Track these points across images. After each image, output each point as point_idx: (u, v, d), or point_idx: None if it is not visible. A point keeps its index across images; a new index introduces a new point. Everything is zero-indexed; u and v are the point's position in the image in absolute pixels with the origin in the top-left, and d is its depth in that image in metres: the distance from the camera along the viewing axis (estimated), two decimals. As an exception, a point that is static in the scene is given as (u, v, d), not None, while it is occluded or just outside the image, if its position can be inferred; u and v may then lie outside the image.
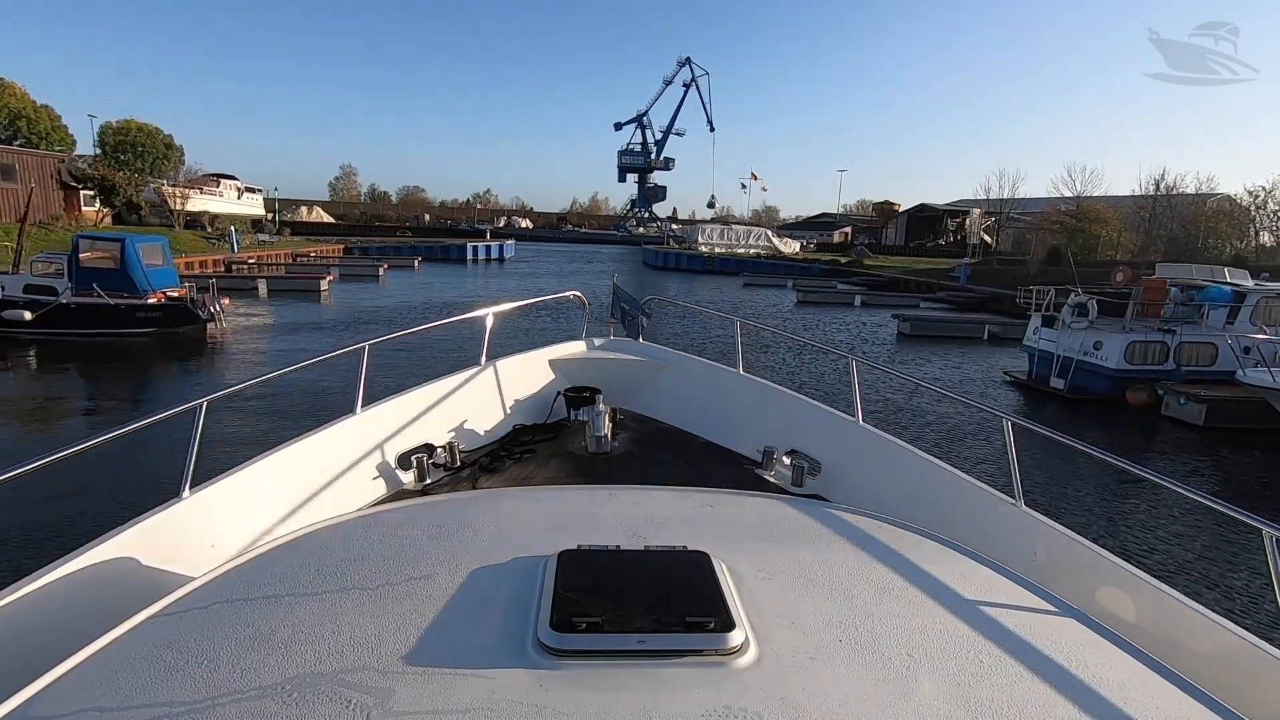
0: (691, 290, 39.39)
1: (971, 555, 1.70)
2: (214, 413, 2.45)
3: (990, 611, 1.41)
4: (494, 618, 1.26)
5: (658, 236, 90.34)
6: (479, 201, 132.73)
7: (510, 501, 2.04)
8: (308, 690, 1.06)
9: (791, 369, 16.80)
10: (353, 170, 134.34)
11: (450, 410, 3.93)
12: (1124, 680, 1.22)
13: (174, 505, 2.34)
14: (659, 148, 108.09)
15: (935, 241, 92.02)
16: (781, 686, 1.10)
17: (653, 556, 1.49)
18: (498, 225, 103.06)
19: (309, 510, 2.86)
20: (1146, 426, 13.89)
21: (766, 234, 61.00)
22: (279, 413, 11.09)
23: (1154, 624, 2.10)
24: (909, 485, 3.15)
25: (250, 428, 10.34)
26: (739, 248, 56.20)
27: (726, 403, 4.45)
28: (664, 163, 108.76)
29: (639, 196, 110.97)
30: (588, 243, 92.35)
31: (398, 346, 13.97)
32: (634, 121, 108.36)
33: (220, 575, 1.47)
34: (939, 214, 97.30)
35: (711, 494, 2.06)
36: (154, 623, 1.29)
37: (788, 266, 48.53)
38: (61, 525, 6.80)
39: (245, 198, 58.33)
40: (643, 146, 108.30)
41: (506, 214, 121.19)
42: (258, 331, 20.26)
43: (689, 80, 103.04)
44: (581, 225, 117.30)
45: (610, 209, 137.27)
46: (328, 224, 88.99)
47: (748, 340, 5.01)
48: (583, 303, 5.50)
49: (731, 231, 60.51)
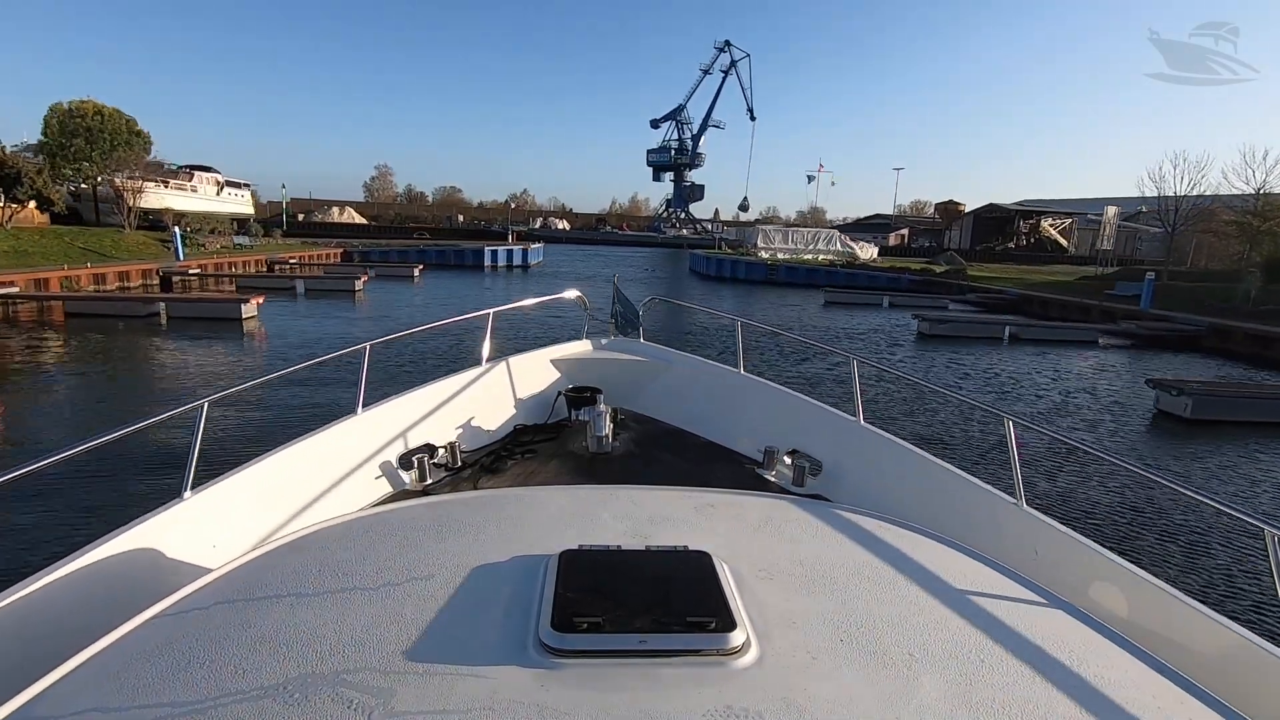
0: (757, 308, 29.50)
1: (973, 555, 1.64)
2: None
3: (992, 611, 1.36)
4: (495, 617, 1.22)
5: (701, 239, 79.87)
6: (515, 202, 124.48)
7: (511, 501, 1.92)
8: (309, 690, 1.02)
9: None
10: (388, 170, 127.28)
11: (451, 410, 3.85)
12: (1125, 679, 1.18)
13: (175, 505, 2.30)
14: (694, 142, 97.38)
15: (1005, 245, 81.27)
16: (783, 686, 1.06)
17: (654, 556, 1.44)
18: (533, 226, 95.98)
19: (310, 510, 2.82)
20: None
21: (839, 237, 49.04)
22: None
23: (1156, 623, 2.05)
24: (910, 485, 3.07)
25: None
26: (805, 253, 45.60)
27: (727, 403, 4.35)
28: (693, 159, 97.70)
29: (674, 196, 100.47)
30: (625, 245, 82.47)
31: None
32: (670, 117, 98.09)
33: (222, 575, 1.42)
34: (1009, 215, 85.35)
35: (713, 494, 1.96)
36: (155, 623, 1.26)
37: (869, 277, 37.67)
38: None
39: (227, 194, 49.17)
40: (679, 143, 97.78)
41: (543, 215, 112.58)
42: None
43: (728, 66, 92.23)
44: (622, 226, 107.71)
45: (650, 209, 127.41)
46: (358, 225, 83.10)
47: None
48: (583, 303, 5.24)
49: (797, 234, 49.00)
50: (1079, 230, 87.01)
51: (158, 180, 38.78)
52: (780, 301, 31.77)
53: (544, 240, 69.70)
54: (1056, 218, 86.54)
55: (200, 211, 40.70)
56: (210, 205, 44.51)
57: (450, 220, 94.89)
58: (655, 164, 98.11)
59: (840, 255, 44.75)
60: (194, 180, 44.36)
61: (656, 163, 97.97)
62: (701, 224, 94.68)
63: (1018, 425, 2.69)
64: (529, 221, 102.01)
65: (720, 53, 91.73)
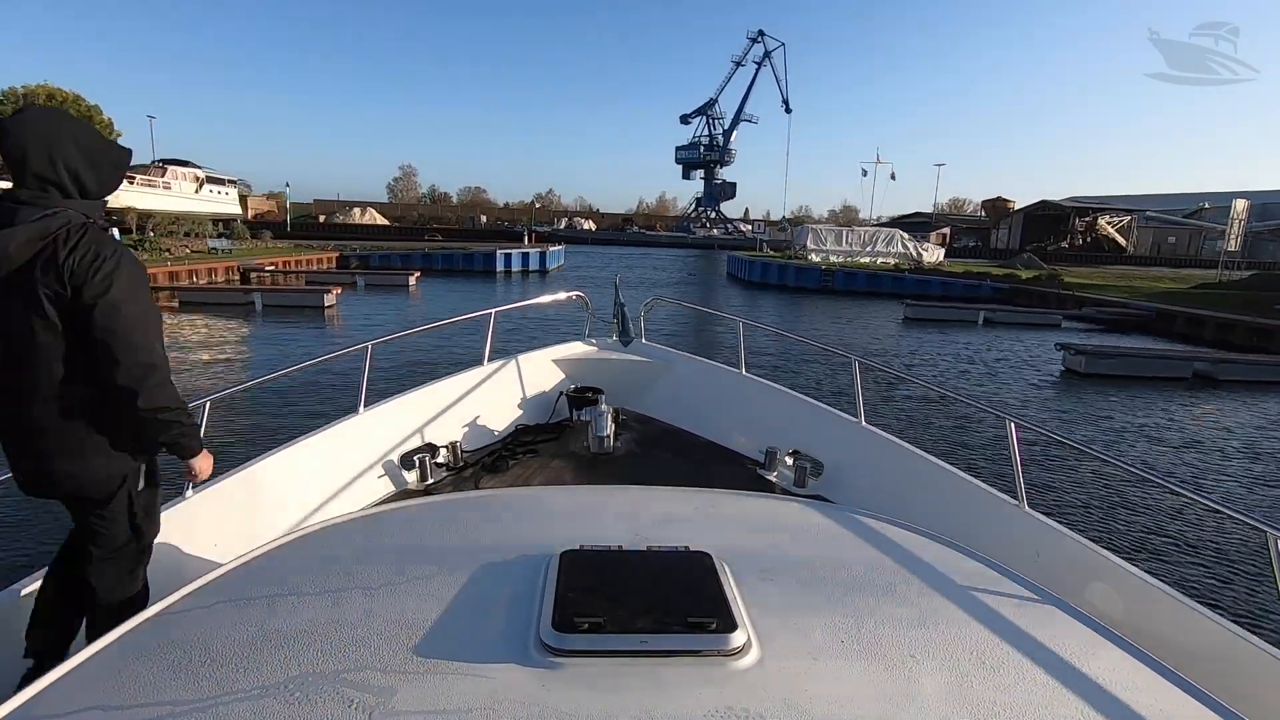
0: (816, 324, 23.52)
1: (974, 556, 1.61)
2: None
3: (993, 613, 1.34)
4: (496, 617, 1.21)
5: (734, 239, 73.04)
6: (540, 202, 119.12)
7: (512, 501, 1.92)
8: (310, 689, 1.01)
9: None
10: (412, 170, 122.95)
11: (453, 410, 3.81)
12: (1126, 680, 1.16)
13: (177, 504, 2.31)
14: (726, 138, 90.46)
15: (1058, 244, 73.81)
16: (783, 687, 1.05)
17: (655, 557, 1.41)
18: (557, 227, 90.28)
19: (312, 510, 2.80)
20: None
21: (900, 236, 38.97)
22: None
23: (1156, 625, 2.05)
24: (912, 486, 3.06)
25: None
26: (862, 255, 38.26)
27: (729, 403, 4.26)
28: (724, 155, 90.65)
29: (704, 194, 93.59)
30: (654, 246, 76.11)
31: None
32: (700, 112, 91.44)
33: (223, 574, 1.40)
34: (1064, 212, 77.38)
35: (714, 494, 1.94)
36: (156, 621, 1.24)
37: (942, 285, 31.07)
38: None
39: (209, 191, 43.26)
40: (710, 138, 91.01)
41: (568, 215, 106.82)
42: None
43: (761, 57, 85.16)
44: (653, 226, 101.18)
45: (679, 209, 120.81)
46: (379, 226, 78.70)
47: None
48: (585, 303, 5.10)
49: (853, 234, 39.45)
50: (1138, 229, 79.05)
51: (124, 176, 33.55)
52: (841, 314, 25.52)
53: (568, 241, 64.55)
54: (1114, 215, 78.35)
55: (174, 211, 35.49)
56: (187, 204, 39.03)
57: (473, 221, 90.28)
58: (685, 161, 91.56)
59: (901, 258, 37.87)
60: (167, 176, 38.75)
61: (686, 159, 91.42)
62: (733, 223, 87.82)
63: (1019, 427, 2.65)
64: (554, 222, 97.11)
65: (753, 43, 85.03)
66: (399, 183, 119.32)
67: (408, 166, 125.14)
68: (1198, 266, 46.39)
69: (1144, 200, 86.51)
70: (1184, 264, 57.69)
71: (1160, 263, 60.85)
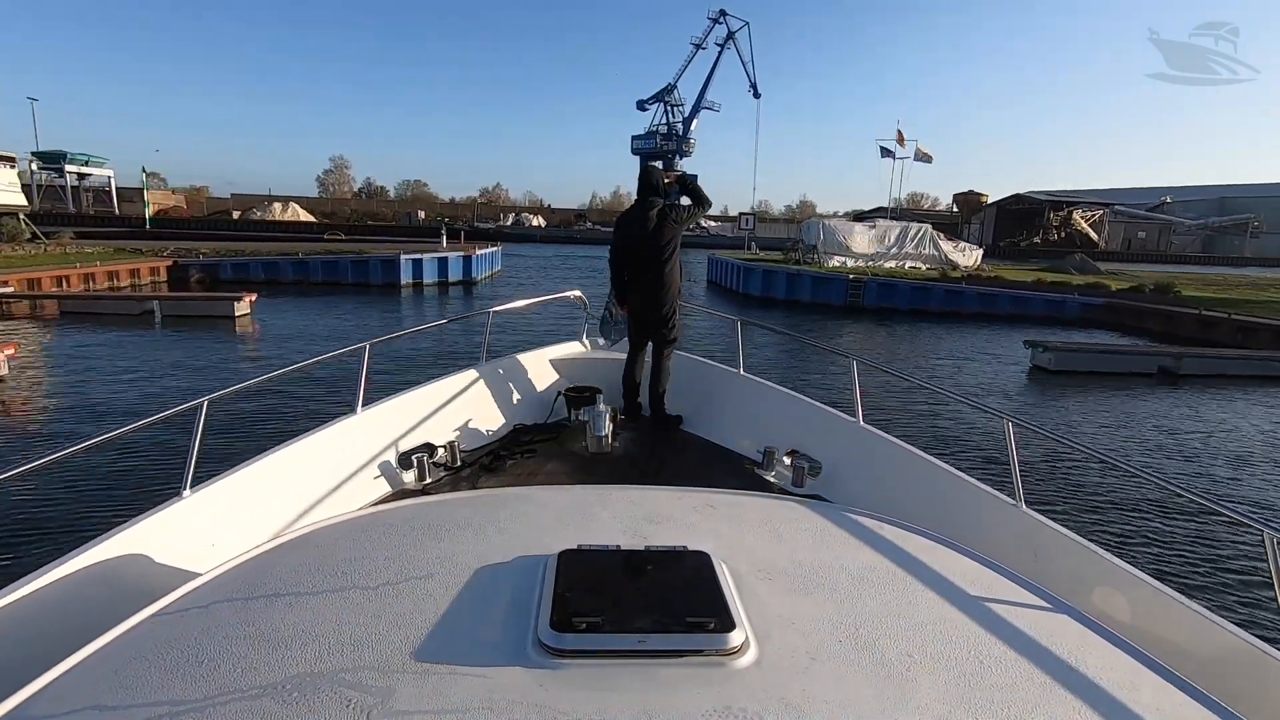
0: (902, 377, 13.94)
1: (972, 556, 1.56)
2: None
3: (991, 612, 1.31)
4: (494, 617, 1.18)
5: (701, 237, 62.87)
6: (485, 196, 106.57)
7: (510, 501, 1.83)
8: (308, 689, 0.98)
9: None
10: (345, 163, 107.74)
11: (451, 410, 3.70)
12: (1125, 681, 1.13)
13: (174, 504, 2.21)
14: (685, 126, 79.94)
15: (1031, 240, 66.84)
16: (782, 687, 1.02)
17: (653, 556, 1.37)
18: (504, 224, 78.21)
19: (310, 509, 2.70)
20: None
21: (931, 234, 28.91)
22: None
23: (1155, 625, 1.98)
24: (910, 486, 2.93)
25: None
26: (886, 259, 28.02)
27: (727, 403, 4.13)
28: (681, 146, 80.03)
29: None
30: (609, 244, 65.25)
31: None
32: (658, 98, 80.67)
33: (221, 574, 1.36)
34: (1039, 206, 70.20)
35: (712, 494, 1.86)
36: (154, 622, 1.20)
37: (1012, 299, 21.82)
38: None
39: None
40: (668, 129, 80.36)
41: (515, 211, 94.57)
42: None
43: (724, 38, 74.84)
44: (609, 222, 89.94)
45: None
46: (303, 223, 64.97)
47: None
48: (583, 303, 4.93)
49: (880, 231, 28.71)
50: (1109, 224, 73.02)
51: None
52: (901, 348, 16.06)
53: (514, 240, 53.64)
54: (1088, 209, 71.87)
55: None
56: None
57: (410, 218, 77.59)
58: (641, 151, 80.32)
59: (928, 262, 28.31)
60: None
61: (642, 149, 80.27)
62: (716, 224, 77.45)
63: (1017, 426, 2.59)
64: (499, 217, 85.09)
65: (714, 24, 74.66)
66: (330, 176, 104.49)
67: (340, 159, 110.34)
68: (1166, 262, 44.60)
69: (1110, 194, 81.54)
70: (1153, 259, 56.82)
71: (1130, 258, 58.22)
